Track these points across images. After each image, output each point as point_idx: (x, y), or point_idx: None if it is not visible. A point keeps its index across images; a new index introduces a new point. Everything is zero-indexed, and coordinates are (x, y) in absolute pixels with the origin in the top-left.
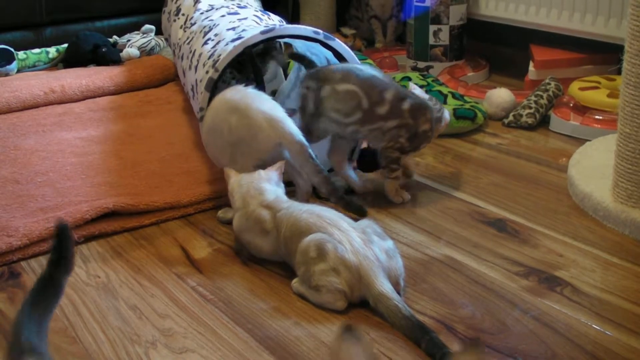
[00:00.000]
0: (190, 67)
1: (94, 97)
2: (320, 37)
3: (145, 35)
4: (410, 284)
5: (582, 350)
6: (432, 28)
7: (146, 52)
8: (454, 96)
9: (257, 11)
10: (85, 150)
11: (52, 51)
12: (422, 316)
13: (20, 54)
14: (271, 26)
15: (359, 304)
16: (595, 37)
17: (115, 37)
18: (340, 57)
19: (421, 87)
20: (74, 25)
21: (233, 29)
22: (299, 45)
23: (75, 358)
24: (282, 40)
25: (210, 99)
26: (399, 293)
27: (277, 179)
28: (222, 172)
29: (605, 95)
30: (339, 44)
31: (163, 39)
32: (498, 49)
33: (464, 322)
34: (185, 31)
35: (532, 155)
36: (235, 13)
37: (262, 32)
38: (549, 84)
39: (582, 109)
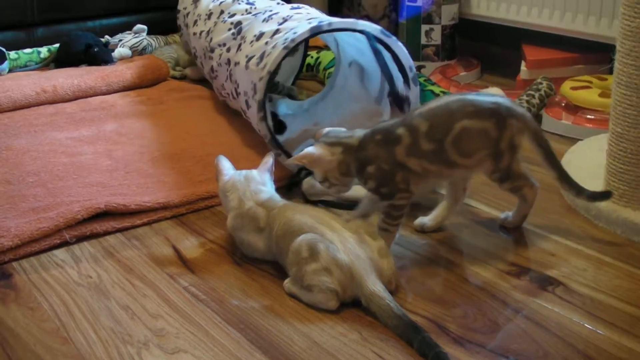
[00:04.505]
0: (266, 20)
1: (86, 97)
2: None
3: (137, 35)
4: (402, 283)
5: (574, 350)
6: (424, 28)
7: (138, 51)
8: None
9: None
10: (77, 151)
11: (44, 51)
12: (414, 316)
13: (12, 54)
14: (390, 33)
15: (351, 304)
16: (587, 37)
17: (107, 37)
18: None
19: None
20: (66, 25)
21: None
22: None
23: (66, 359)
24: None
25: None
26: (391, 292)
27: (270, 180)
28: (214, 173)
29: (597, 94)
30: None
31: (155, 38)
32: (490, 48)
33: (456, 322)
34: (237, 4)
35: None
36: (298, 7)
37: (382, 32)
38: (540, 83)
39: (573, 109)
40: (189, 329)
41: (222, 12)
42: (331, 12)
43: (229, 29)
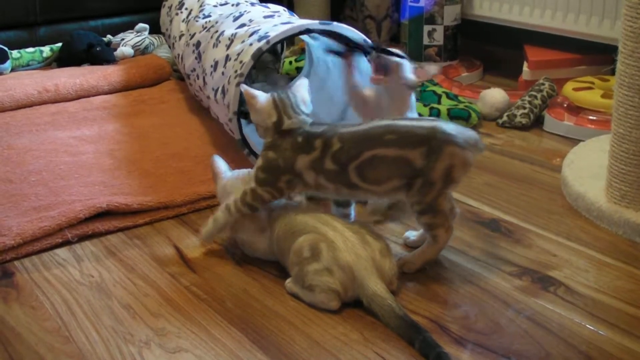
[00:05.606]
0: (215, 46)
1: (88, 96)
2: (367, 46)
3: (139, 34)
4: (404, 283)
5: (576, 350)
6: (427, 28)
7: (140, 50)
8: (448, 96)
9: (285, 11)
10: (79, 150)
11: (46, 50)
12: (415, 316)
13: (14, 53)
14: (329, 22)
15: (353, 304)
16: (589, 38)
17: (109, 36)
18: None
19: None
20: (68, 25)
21: (271, 16)
22: (316, 51)
23: (68, 358)
24: (306, 38)
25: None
26: (392, 293)
27: None
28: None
29: (599, 95)
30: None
31: (157, 37)
32: (492, 49)
33: (458, 322)
34: (195, 22)
35: (526, 155)
36: (266, 7)
37: (321, 23)
38: (543, 84)
39: (576, 110)
40: (190, 329)
41: (188, 31)
42: (333, 12)
43: (193, 52)
